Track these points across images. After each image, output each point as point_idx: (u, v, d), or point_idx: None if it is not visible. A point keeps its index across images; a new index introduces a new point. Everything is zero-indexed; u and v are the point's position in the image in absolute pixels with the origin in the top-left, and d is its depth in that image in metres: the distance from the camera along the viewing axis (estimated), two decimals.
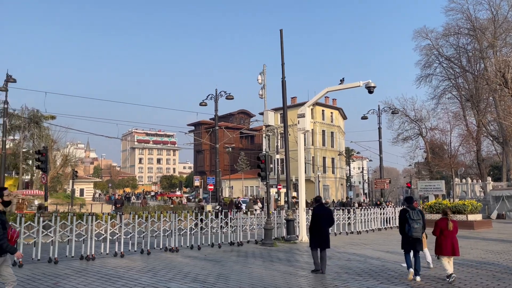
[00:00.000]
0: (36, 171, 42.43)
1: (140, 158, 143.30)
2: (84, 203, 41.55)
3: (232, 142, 66.74)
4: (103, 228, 12.53)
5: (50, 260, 10.81)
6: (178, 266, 10.71)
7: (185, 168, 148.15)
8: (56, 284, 8.33)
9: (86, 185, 58.33)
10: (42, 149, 20.29)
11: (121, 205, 24.67)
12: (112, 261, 11.37)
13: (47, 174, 19.84)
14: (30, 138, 45.62)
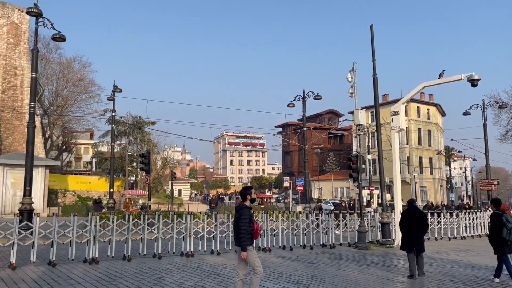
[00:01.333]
0: (140, 172, 46.23)
1: (231, 159, 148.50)
2: (182, 203, 44.18)
3: (320, 143, 65.98)
4: (201, 226, 13.17)
5: (155, 255, 11.65)
6: (271, 266, 10.84)
7: (273, 169, 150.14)
8: (160, 278, 8.93)
9: (183, 186, 62.03)
10: (145, 153, 22.02)
11: (216, 205, 25.74)
12: (209, 258, 11.89)
13: (150, 175, 21.45)
14: (134, 143, 49.87)
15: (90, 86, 50.80)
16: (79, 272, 9.31)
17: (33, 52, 16.80)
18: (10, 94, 33.97)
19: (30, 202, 15.42)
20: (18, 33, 34.55)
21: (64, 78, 48.58)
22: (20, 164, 26.68)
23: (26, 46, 34.96)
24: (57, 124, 49.23)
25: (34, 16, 15.88)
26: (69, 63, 49.50)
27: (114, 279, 8.65)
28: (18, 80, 34.48)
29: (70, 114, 49.33)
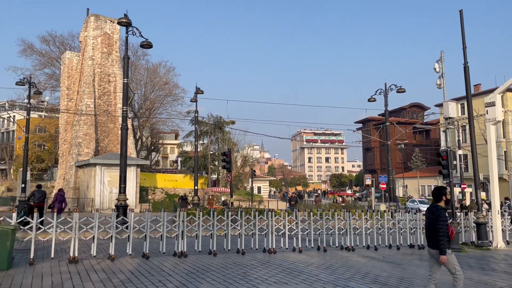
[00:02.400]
0: (221, 170, 47.80)
1: (309, 157, 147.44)
2: (261, 200, 44.90)
3: (404, 138, 62.78)
4: (282, 223, 13.22)
5: (238, 251, 11.94)
6: (355, 266, 10.54)
7: (353, 167, 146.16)
8: (245, 273, 9.12)
9: (262, 183, 62.92)
10: (226, 151, 22.69)
11: (295, 202, 25.71)
12: (291, 255, 11.89)
13: (231, 173, 22.06)
14: (215, 142, 51.72)
15: (174, 89, 53.73)
16: (169, 265, 9.85)
17: (124, 60, 18.12)
18: (105, 99, 37.08)
19: (125, 198, 16.65)
20: (111, 42, 37.56)
21: (151, 83, 51.92)
22: (115, 164, 29.01)
23: (117, 54, 37.90)
24: (146, 126, 52.82)
25: (124, 26, 17.12)
26: (155, 68, 52.81)
27: (202, 273, 9.01)
28: (111, 86, 37.51)
29: (157, 116, 52.60)
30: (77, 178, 34.52)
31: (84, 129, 35.11)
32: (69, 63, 39.09)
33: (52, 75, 50.10)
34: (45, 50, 50.37)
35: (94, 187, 31.43)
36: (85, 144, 34.92)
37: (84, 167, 33.22)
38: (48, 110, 64.94)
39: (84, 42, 38.01)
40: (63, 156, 38.57)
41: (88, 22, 37.09)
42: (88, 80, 35.90)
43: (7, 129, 72.47)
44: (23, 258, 10.13)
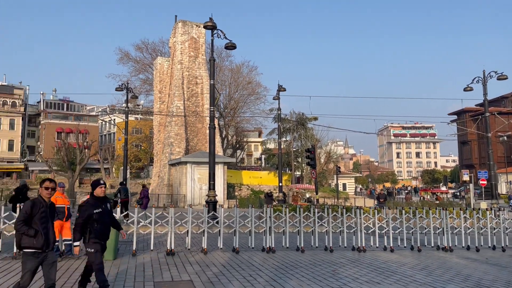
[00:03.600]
0: (305, 167, 47.60)
1: (398, 152, 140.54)
2: (347, 197, 43.85)
3: (507, 130, 56.98)
4: (371, 221, 12.77)
5: (326, 249, 11.78)
6: (454, 267, 9.81)
7: (447, 162, 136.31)
8: (334, 271, 8.97)
9: (347, 180, 61.47)
10: (310, 148, 22.55)
11: (385, 200, 24.68)
12: (382, 254, 11.44)
13: (316, 170, 21.86)
14: (298, 139, 51.64)
15: (257, 88, 54.68)
16: (258, 260, 10.05)
17: (210, 62, 18.87)
18: (193, 100, 38.99)
19: (214, 194, 17.37)
20: (197, 46, 39.38)
21: (235, 83, 53.43)
22: (204, 162, 30.37)
23: (203, 57, 39.61)
24: (231, 124, 54.52)
25: (210, 29, 17.81)
26: (238, 68, 54.23)
27: (290, 269, 9.05)
28: (198, 88, 39.33)
29: (241, 115, 53.99)
30: (170, 175, 36.78)
31: (175, 129, 37.27)
32: (161, 68, 41.78)
33: (146, 80, 53.99)
34: (139, 57, 54.47)
35: (185, 184, 33.24)
36: (177, 144, 37.07)
37: (176, 165, 35.28)
38: (143, 113, 70.17)
39: (173, 47, 40.34)
40: (158, 155, 41.36)
41: (176, 28, 39.28)
42: (178, 83, 38.03)
43: (108, 131, 79.75)
44: (126, 249, 11.05)
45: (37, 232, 5.20)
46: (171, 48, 41.41)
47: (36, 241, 5.19)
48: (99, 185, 6.37)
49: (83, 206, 6.20)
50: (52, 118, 72.47)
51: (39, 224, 5.25)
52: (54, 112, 74.54)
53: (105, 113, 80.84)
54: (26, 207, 5.31)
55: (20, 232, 5.21)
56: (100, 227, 6.15)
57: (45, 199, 5.49)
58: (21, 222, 5.21)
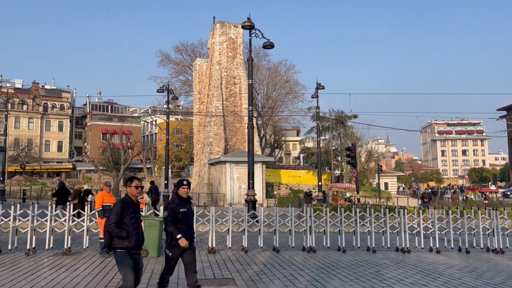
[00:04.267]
0: (345, 166, 46.86)
1: (443, 150, 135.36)
2: (389, 197, 42.75)
3: None
4: (416, 222, 12.37)
5: (368, 249, 11.53)
6: (506, 270, 9.33)
7: (497, 160, 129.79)
8: (377, 272, 8.76)
9: (389, 179, 59.94)
10: (350, 146, 22.15)
11: (429, 199, 23.84)
12: (428, 256, 11.05)
13: (357, 168, 21.45)
14: (338, 137, 50.87)
15: (295, 87, 54.43)
16: (299, 259, 9.99)
17: (248, 62, 18.95)
18: (232, 100, 39.34)
19: (254, 193, 17.43)
20: (235, 46, 39.69)
21: (273, 82, 53.42)
22: (243, 161, 30.57)
23: (241, 57, 39.87)
24: (269, 124, 54.57)
25: (248, 29, 17.89)
26: (276, 67, 54.19)
27: (332, 269, 8.93)
28: (237, 88, 39.64)
29: (279, 114, 53.91)
30: (210, 174, 37.31)
31: (214, 129, 37.77)
32: (199, 69, 42.48)
33: (186, 81, 55.09)
34: (179, 59, 55.66)
35: (225, 183, 33.61)
36: (216, 143, 37.56)
37: (216, 165, 35.74)
38: (183, 114, 71.65)
39: (211, 48, 40.89)
40: (197, 154, 42.09)
41: (215, 29, 39.79)
42: (216, 84, 38.51)
43: (150, 132, 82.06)
44: None
45: (128, 233, 5.10)
46: (209, 49, 41.99)
47: (128, 242, 5.10)
48: (183, 185, 6.01)
49: (170, 204, 5.91)
50: (97, 120, 75.52)
51: (129, 225, 5.14)
52: (99, 114, 77.67)
53: (147, 114, 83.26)
54: (117, 208, 5.17)
55: (112, 235, 5.07)
56: (185, 228, 5.84)
57: (132, 199, 5.33)
58: (114, 224, 5.06)
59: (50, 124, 70.53)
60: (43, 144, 68.99)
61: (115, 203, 5.32)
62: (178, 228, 5.74)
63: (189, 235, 5.87)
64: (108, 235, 5.14)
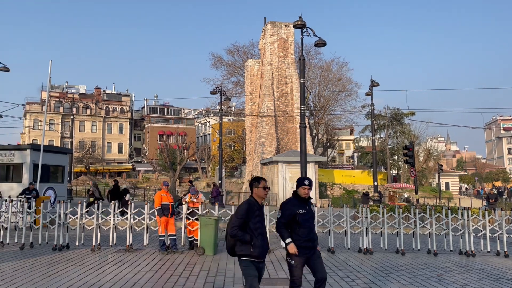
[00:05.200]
0: (402, 165, 45.20)
1: (510, 148, 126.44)
2: (451, 197, 40.68)
3: None
4: (481, 224, 11.66)
5: (429, 252, 11.03)
6: None
7: None
8: (439, 276, 8.35)
9: (450, 179, 56.99)
10: (408, 145, 21.32)
11: (495, 200, 22.39)
12: (494, 260, 10.37)
13: (415, 168, 20.61)
14: (394, 135, 49.19)
15: (347, 85, 53.36)
16: (355, 261, 9.76)
17: (300, 61, 18.81)
18: (283, 100, 39.32)
19: None
20: (286, 46, 39.64)
21: (325, 80, 52.72)
22: (295, 161, 30.44)
23: (292, 57, 39.74)
24: (321, 123, 53.92)
25: (299, 28, 17.76)
26: (328, 66, 53.44)
27: (390, 271, 8.64)
28: (288, 87, 39.56)
29: (332, 113, 53.09)
30: (262, 174, 37.52)
31: (266, 129, 37.95)
32: (251, 70, 42.87)
33: (237, 83, 55.86)
34: (231, 60, 56.54)
35: (277, 182, 33.65)
36: (268, 143, 37.71)
37: (268, 165, 35.89)
38: (235, 114, 72.68)
39: (262, 49, 41.12)
40: (250, 154, 42.51)
41: (266, 30, 39.98)
42: (268, 84, 38.66)
43: (204, 133, 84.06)
44: (225, 246, 11.48)
45: (252, 238, 4.67)
46: (260, 49, 42.25)
47: (252, 248, 4.66)
48: (303, 185, 5.24)
49: (286, 204, 5.26)
50: (155, 122, 78.61)
51: (253, 230, 4.70)
52: (156, 116, 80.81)
53: (201, 116, 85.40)
54: (242, 210, 4.74)
55: (235, 238, 4.69)
56: (303, 232, 5.13)
57: (258, 201, 4.85)
58: (237, 227, 4.66)
59: (111, 127, 74.49)
60: (105, 146, 72.98)
61: (240, 205, 4.86)
62: (288, 232, 5.13)
63: (310, 240, 5.17)
64: (230, 238, 4.78)
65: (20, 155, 17.61)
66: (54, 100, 69.98)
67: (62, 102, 70.87)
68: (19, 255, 9.85)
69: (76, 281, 7.31)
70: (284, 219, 5.13)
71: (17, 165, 17.57)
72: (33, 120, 67.80)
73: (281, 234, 5.08)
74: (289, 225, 5.14)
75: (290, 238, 5.08)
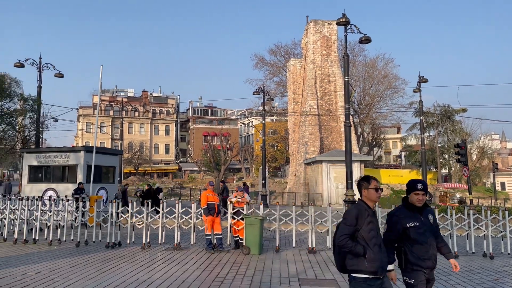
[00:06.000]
0: (452, 164, 43.30)
1: None
2: (507, 198, 38.45)
3: None
4: None
5: (485, 255, 10.48)
6: None
7: None
8: (496, 280, 7.92)
9: (506, 178, 53.87)
10: (460, 143, 20.39)
11: None
12: None
13: (468, 167, 19.67)
14: (444, 133, 47.21)
15: (394, 81, 51.87)
16: None
17: (344, 58, 18.48)
18: (326, 99, 38.83)
19: (353, 194, 16.93)
20: (329, 44, 39.12)
21: (369, 78, 51.53)
22: (340, 160, 29.93)
23: (335, 54, 39.16)
24: (366, 121, 52.72)
25: (343, 25, 17.46)
26: (373, 62, 52.18)
27: (444, 275, 8.29)
28: (331, 86, 39.02)
29: (377, 111, 51.79)
30: (306, 174, 37.25)
31: (309, 129, 37.63)
32: (293, 70, 42.69)
33: (280, 82, 55.81)
34: (273, 60, 56.61)
35: (321, 182, 33.27)
36: (311, 143, 37.39)
37: (312, 164, 35.57)
38: (278, 114, 72.68)
39: (305, 47, 40.84)
40: (293, 154, 42.33)
41: (308, 28, 39.68)
42: (311, 83, 38.34)
43: (247, 133, 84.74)
44: (270, 245, 11.52)
45: (365, 249, 3.81)
46: (303, 48, 41.97)
47: (367, 262, 3.79)
48: (416, 190, 4.23)
49: (393, 216, 4.30)
50: (199, 123, 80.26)
51: (366, 239, 3.84)
52: (200, 117, 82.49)
53: (243, 117, 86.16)
54: (350, 216, 3.93)
55: (345, 249, 3.87)
56: (419, 250, 4.15)
57: (369, 204, 3.99)
58: (346, 236, 3.86)
59: (158, 129, 76.87)
60: (153, 147, 75.40)
61: (348, 210, 4.06)
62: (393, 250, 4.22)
63: (426, 259, 4.16)
64: (339, 251, 3.98)
65: (75, 157, 18.53)
66: (105, 103, 73.20)
67: (112, 105, 74.02)
68: (75, 252, 10.38)
69: (128, 277, 7.59)
70: (393, 235, 4.18)
71: (72, 166, 18.50)
72: (86, 123, 71.26)
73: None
74: (400, 241, 4.21)
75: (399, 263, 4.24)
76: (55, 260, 9.20)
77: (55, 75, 22.90)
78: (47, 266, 8.46)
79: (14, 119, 22.33)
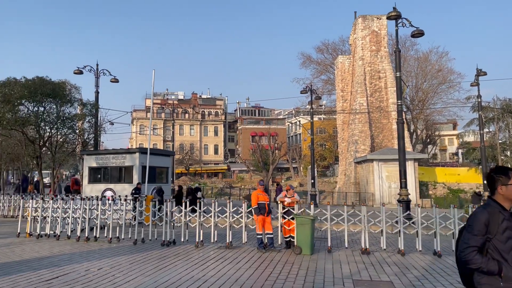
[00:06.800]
0: None
1: None
2: None
3: None
4: None
5: None
6: None
7: None
8: None
9: None
10: None
11: None
12: None
13: None
14: (505, 129, 44.39)
15: (449, 76, 49.54)
16: None
17: (395, 53, 17.94)
18: (376, 96, 37.80)
19: (407, 193, 16.39)
20: (378, 39, 38.06)
21: (422, 72, 49.53)
22: (392, 159, 29.06)
23: (385, 50, 38.03)
24: (419, 118, 50.73)
25: (394, 19, 16.94)
26: (425, 56, 50.12)
27: None
28: (382, 82, 37.92)
29: (432, 107, 49.66)
30: (357, 173, 36.48)
31: (359, 127, 36.81)
32: (341, 67, 41.94)
33: (327, 81, 55.05)
34: (320, 58, 55.94)
35: (373, 182, 32.45)
36: (361, 141, 36.55)
37: (362, 163, 34.78)
38: (326, 113, 71.75)
39: (353, 44, 40.00)
40: (342, 153, 41.59)
41: (356, 24, 38.84)
42: (360, 80, 37.49)
43: (295, 132, 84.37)
44: (321, 245, 11.39)
45: (501, 266, 2.92)
46: (351, 45, 41.14)
47: (503, 282, 2.91)
48: None
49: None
50: (247, 124, 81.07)
51: (502, 252, 2.96)
52: (248, 118, 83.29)
53: (291, 116, 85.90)
54: (479, 223, 3.00)
55: (471, 266, 2.98)
56: None
57: (504, 206, 3.05)
58: (473, 249, 2.96)
59: (207, 130, 78.54)
60: (202, 148, 77.13)
61: (475, 214, 3.08)
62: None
63: None
64: (463, 266, 3.08)
65: (130, 158, 19.36)
66: (157, 106, 75.84)
67: (164, 108, 76.52)
68: (133, 249, 10.83)
69: (183, 275, 7.80)
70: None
71: (128, 167, 19.34)
72: (139, 125, 74.21)
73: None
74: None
75: None
76: (115, 257, 9.65)
77: (111, 80, 24.05)
78: (108, 263, 8.89)
79: (74, 123, 23.67)
